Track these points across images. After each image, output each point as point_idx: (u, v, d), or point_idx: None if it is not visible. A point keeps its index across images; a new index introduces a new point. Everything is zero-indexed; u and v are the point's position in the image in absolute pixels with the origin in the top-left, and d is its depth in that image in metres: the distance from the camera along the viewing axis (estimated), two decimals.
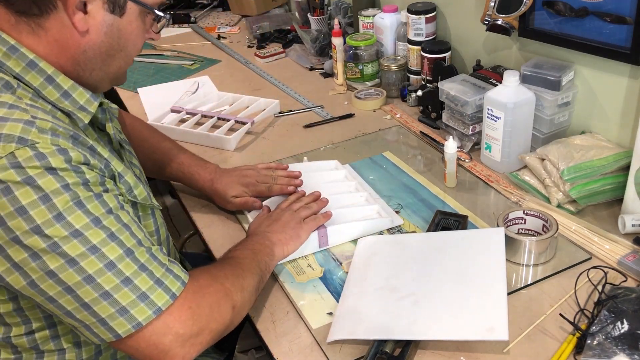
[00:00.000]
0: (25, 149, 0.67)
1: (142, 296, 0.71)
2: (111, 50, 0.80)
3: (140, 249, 0.73)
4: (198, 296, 0.77)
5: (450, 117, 1.36)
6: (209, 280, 0.81)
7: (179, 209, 1.33)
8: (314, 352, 0.87)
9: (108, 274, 0.70)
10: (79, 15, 0.75)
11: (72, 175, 0.69)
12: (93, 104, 0.81)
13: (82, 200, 0.69)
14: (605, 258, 0.99)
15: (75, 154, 0.70)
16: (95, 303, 0.70)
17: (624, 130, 1.17)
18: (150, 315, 0.72)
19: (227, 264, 0.89)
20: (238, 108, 1.65)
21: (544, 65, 1.23)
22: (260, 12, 2.45)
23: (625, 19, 1.07)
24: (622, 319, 0.82)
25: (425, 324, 0.85)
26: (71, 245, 0.68)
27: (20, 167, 0.66)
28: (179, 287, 0.75)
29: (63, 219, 0.68)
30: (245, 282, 0.86)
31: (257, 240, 0.98)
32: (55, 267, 0.68)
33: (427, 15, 1.54)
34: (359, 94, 1.64)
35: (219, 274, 0.84)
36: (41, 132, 0.69)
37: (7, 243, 0.67)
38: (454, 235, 1.02)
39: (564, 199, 1.10)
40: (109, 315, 0.70)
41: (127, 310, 0.71)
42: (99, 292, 0.69)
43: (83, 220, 0.69)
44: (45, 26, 0.75)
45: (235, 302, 0.82)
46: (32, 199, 0.66)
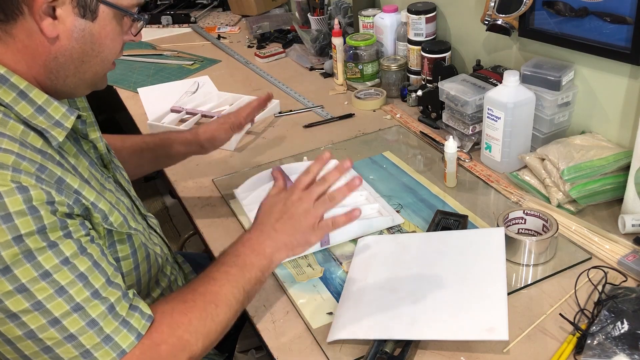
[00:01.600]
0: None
1: (86, 353, 0.68)
2: (84, 56, 0.76)
3: (92, 303, 0.69)
4: (147, 356, 0.72)
5: (450, 117, 1.36)
6: (165, 334, 0.75)
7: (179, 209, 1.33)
8: (314, 352, 0.87)
9: (51, 330, 0.66)
10: (48, 20, 0.70)
11: (28, 222, 0.64)
12: (69, 118, 0.76)
13: (32, 252, 0.65)
14: (605, 258, 0.99)
15: (36, 193, 0.66)
16: (35, 356, 0.67)
17: (624, 130, 1.17)
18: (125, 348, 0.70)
19: (200, 295, 0.80)
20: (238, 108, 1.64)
21: (544, 65, 1.23)
22: (260, 12, 2.45)
23: (625, 19, 1.07)
24: (622, 319, 0.82)
25: (426, 324, 0.85)
26: (14, 300, 0.64)
27: None
28: (131, 342, 0.71)
29: (9, 273, 0.64)
30: (213, 324, 0.79)
31: (255, 245, 0.87)
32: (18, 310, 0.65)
33: (427, 15, 1.54)
34: (359, 94, 1.64)
35: (182, 321, 0.76)
36: (1, 167, 0.64)
37: None
38: (454, 235, 1.02)
39: (564, 199, 1.10)
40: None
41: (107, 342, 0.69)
42: (39, 347, 0.66)
43: (30, 275, 0.65)
44: (12, 33, 0.71)
45: (194, 352, 0.77)
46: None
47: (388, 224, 1.12)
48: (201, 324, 0.78)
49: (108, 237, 0.79)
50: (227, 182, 1.31)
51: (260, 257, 0.86)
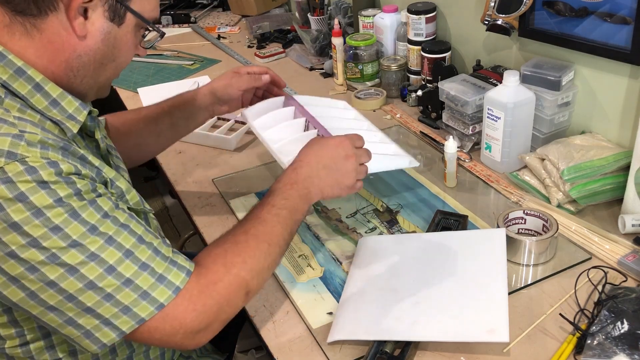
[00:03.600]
0: (15, 163, 0.66)
1: (144, 294, 0.72)
2: (104, 59, 0.79)
3: (140, 247, 0.73)
4: (206, 294, 0.76)
5: (450, 117, 1.36)
6: (221, 272, 0.79)
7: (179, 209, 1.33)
8: (314, 352, 0.87)
9: (109, 278, 0.70)
10: (80, 19, 0.74)
11: (64, 187, 0.68)
12: (82, 112, 0.79)
13: (76, 211, 0.69)
14: (605, 258, 0.99)
15: (65, 166, 0.69)
16: (97, 306, 0.70)
17: (624, 130, 1.17)
18: (153, 311, 0.72)
19: (253, 236, 0.83)
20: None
21: (544, 65, 1.23)
22: (260, 12, 2.45)
23: (625, 19, 1.07)
24: (622, 319, 0.82)
25: (426, 325, 0.85)
26: (70, 254, 0.68)
27: (12, 182, 0.65)
28: (183, 279, 0.75)
29: (60, 231, 0.67)
30: (266, 263, 0.83)
31: (302, 190, 0.90)
32: (55, 277, 0.68)
33: (427, 15, 1.54)
34: (359, 94, 1.64)
35: (235, 261, 0.80)
36: (30, 145, 0.68)
37: (1, 258, 0.67)
38: (455, 236, 1.02)
39: (564, 199, 1.10)
40: (112, 315, 0.71)
41: (130, 309, 0.71)
42: (100, 295, 0.70)
43: (80, 230, 0.69)
44: (40, 27, 0.73)
45: (250, 288, 0.81)
46: (25, 215, 0.66)
47: (405, 164, 1.10)
48: (255, 262, 0.82)
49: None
50: (227, 182, 1.31)
51: (305, 202, 0.90)
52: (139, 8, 0.79)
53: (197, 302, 0.75)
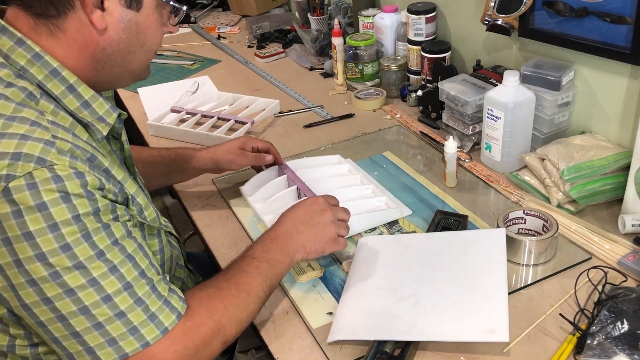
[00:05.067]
0: (43, 169, 0.66)
1: (133, 330, 0.72)
2: (130, 46, 0.80)
3: (140, 282, 0.73)
4: (188, 337, 0.76)
5: (450, 117, 1.36)
6: (204, 317, 0.79)
7: (179, 209, 1.33)
8: (314, 352, 0.87)
9: (103, 307, 0.70)
10: (97, 13, 0.75)
11: (85, 203, 0.69)
12: (112, 115, 0.81)
13: (89, 232, 0.69)
14: (605, 258, 0.99)
15: (91, 179, 0.70)
16: (85, 332, 0.70)
17: (624, 130, 1.17)
18: (138, 348, 0.72)
19: (234, 285, 0.84)
20: (238, 108, 1.65)
21: (544, 65, 1.23)
22: (260, 12, 2.45)
23: (625, 19, 1.07)
24: (622, 319, 0.82)
25: (426, 325, 0.85)
26: (72, 276, 0.68)
27: (36, 189, 0.66)
28: (172, 321, 0.75)
29: (69, 250, 0.68)
30: (245, 313, 0.83)
31: (282, 244, 0.92)
32: (52, 296, 0.68)
33: (427, 15, 1.54)
34: (359, 94, 1.64)
35: (218, 307, 0.80)
36: (60, 153, 0.68)
37: (7, 264, 0.67)
38: (455, 236, 1.02)
39: (564, 199, 1.10)
40: (97, 345, 0.71)
41: (116, 342, 0.71)
42: (91, 322, 0.70)
43: (88, 253, 0.69)
44: (63, 27, 0.75)
45: (227, 337, 0.81)
46: (41, 226, 0.66)
47: (397, 216, 1.12)
48: (236, 310, 0.82)
49: (140, 233, 0.83)
50: (227, 182, 1.31)
51: (285, 255, 0.91)
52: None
53: (179, 343, 0.75)
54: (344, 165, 1.29)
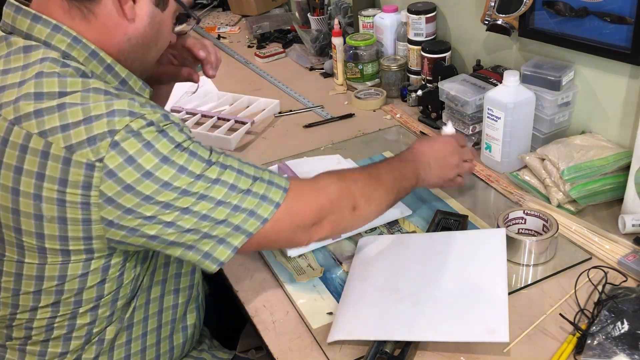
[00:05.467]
0: (138, 120, 0.72)
1: (250, 213, 0.79)
2: (150, 41, 0.85)
3: (242, 180, 0.80)
4: (315, 191, 0.87)
5: (450, 117, 1.36)
6: (334, 178, 0.90)
7: None
8: (314, 352, 0.87)
9: (232, 194, 0.78)
10: (129, 3, 0.79)
11: (180, 135, 0.76)
12: (145, 90, 0.87)
13: (192, 151, 0.76)
14: (605, 258, 0.99)
15: (174, 117, 0.78)
16: (212, 230, 0.77)
17: (624, 130, 1.17)
18: (259, 226, 0.80)
19: (367, 172, 0.95)
20: (238, 108, 1.65)
21: (544, 65, 1.23)
22: (260, 12, 2.45)
23: (625, 19, 1.07)
24: (622, 319, 0.82)
25: (426, 325, 0.85)
26: (199, 184, 0.75)
27: (139, 135, 0.72)
28: (281, 195, 0.82)
29: (185, 171, 0.74)
30: (374, 194, 0.93)
31: (415, 167, 1.04)
32: (188, 206, 0.75)
33: (427, 15, 1.54)
34: (359, 94, 1.64)
35: (348, 176, 0.92)
36: (143, 105, 0.75)
37: (137, 205, 0.72)
38: (455, 236, 1.02)
39: (564, 199, 1.10)
40: (225, 234, 0.78)
41: (239, 227, 0.79)
42: (229, 208, 0.78)
43: (199, 166, 0.76)
44: (95, 11, 0.78)
45: (356, 204, 0.90)
46: (155, 162, 0.72)
47: (397, 216, 1.12)
48: (365, 185, 0.92)
49: None
50: None
51: (414, 179, 1.03)
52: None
53: (307, 200, 0.85)
54: (344, 165, 1.29)
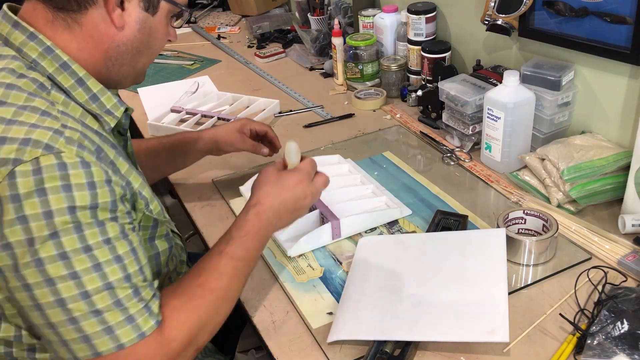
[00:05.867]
0: (50, 156, 0.67)
1: (108, 330, 0.70)
2: (141, 46, 0.84)
3: (123, 285, 0.72)
4: (162, 348, 0.75)
5: (450, 117, 1.36)
6: (178, 329, 0.77)
7: (179, 209, 1.33)
8: (314, 352, 0.87)
9: (80, 302, 0.69)
10: (117, 11, 0.79)
11: (85, 196, 0.69)
12: (119, 109, 0.84)
13: (81, 225, 0.69)
14: (605, 258, 0.99)
15: (96, 170, 0.71)
16: (60, 325, 0.69)
17: (624, 130, 1.17)
18: (111, 349, 0.71)
19: (208, 291, 0.82)
20: (238, 108, 1.65)
21: (544, 65, 1.23)
22: (260, 12, 2.45)
23: (625, 19, 1.07)
24: (622, 319, 0.82)
25: (426, 325, 0.85)
26: (55, 265, 0.68)
27: (40, 175, 0.67)
28: (151, 326, 0.73)
29: (56, 238, 0.67)
30: (220, 318, 0.83)
31: (262, 236, 0.89)
32: (32, 283, 0.68)
33: (427, 15, 1.54)
34: (359, 94, 1.64)
35: (193, 319, 0.79)
36: (68, 142, 0.70)
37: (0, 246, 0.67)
38: (455, 236, 1.02)
39: (564, 199, 1.10)
40: (71, 339, 0.70)
41: (89, 339, 0.70)
42: (66, 316, 0.69)
43: (74, 245, 0.68)
44: (81, 22, 0.78)
45: (199, 346, 0.80)
46: (36, 212, 0.66)
47: (397, 216, 1.12)
48: (210, 320, 0.81)
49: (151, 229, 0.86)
50: (227, 182, 1.31)
51: (262, 243, 0.90)
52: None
53: (153, 353, 0.74)
54: (344, 165, 1.29)
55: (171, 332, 0.76)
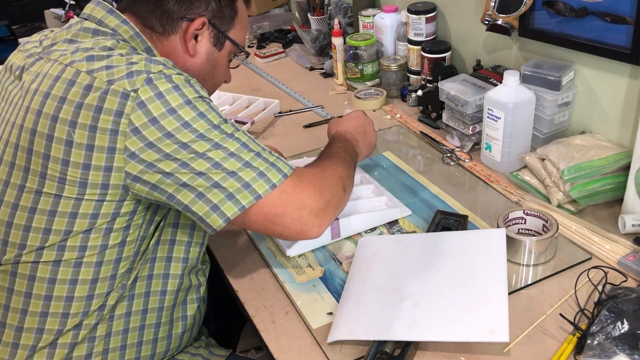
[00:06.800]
0: (170, 69, 0.82)
1: (260, 174, 0.83)
2: (206, 75, 0.98)
3: (252, 144, 0.85)
4: (319, 177, 0.91)
5: (450, 117, 1.36)
6: (325, 166, 0.96)
7: None
8: (314, 352, 0.87)
9: (244, 150, 0.83)
10: (192, 42, 0.94)
11: (201, 90, 0.84)
12: None
13: (212, 107, 0.83)
14: (605, 258, 0.99)
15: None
16: (223, 181, 0.81)
17: (624, 130, 1.17)
18: (252, 200, 0.82)
19: (333, 156, 1.02)
20: (238, 108, 1.65)
21: (544, 65, 1.23)
22: (260, 12, 2.45)
23: (625, 19, 1.07)
24: (622, 319, 0.82)
25: (426, 325, 0.85)
26: (214, 133, 0.81)
27: (170, 78, 0.80)
28: (289, 169, 0.86)
29: (204, 117, 0.81)
30: (350, 171, 1.00)
31: (350, 144, 1.09)
32: (204, 150, 0.80)
33: (427, 15, 1.54)
34: (359, 94, 1.64)
35: (330, 163, 0.98)
36: (167, 68, 0.83)
37: (158, 139, 0.78)
38: (455, 236, 1.02)
39: (564, 199, 1.10)
40: (235, 190, 0.81)
41: (249, 185, 0.82)
42: (240, 162, 0.82)
43: (216, 119, 0.83)
44: (163, 42, 0.93)
45: (345, 185, 0.95)
46: (180, 102, 0.79)
47: (396, 216, 1.13)
48: (342, 168, 0.98)
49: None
50: None
51: (356, 155, 1.10)
52: (234, 37, 0.99)
53: (315, 185, 0.88)
54: None
55: (317, 168, 0.95)
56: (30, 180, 0.81)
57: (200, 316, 1.00)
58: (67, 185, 0.79)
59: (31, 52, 0.90)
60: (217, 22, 0.95)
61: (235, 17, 0.98)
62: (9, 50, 0.98)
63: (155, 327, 0.92)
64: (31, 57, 0.88)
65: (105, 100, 0.77)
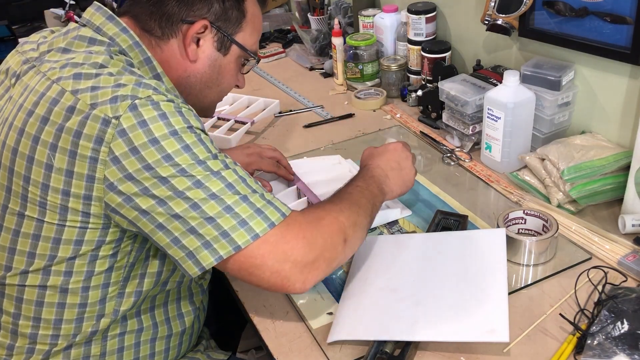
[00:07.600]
0: (160, 95, 0.77)
1: (242, 222, 0.76)
2: (210, 82, 0.93)
3: (241, 185, 0.78)
4: (312, 226, 0.81)
5: (450, 117, 1.36)
6: (323, 212, 0.85)
7: None
8: (314, 352, 0.87)
9: (228, 192, 0.76)
10: (193, 46, 0.89)
11: (193, 119, 0.79)
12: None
13: (202, 139, 0.78)
14: (605, 258, 0.99)
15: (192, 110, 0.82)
16: (200, 227, 0.75)
17: (624, 130, 1.17)
18: (249, 240, 0.76)
19: (346, 199, 0.91)
20: (238, 108, 1.65)
21: (544, 65, 1.23)
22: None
23: (625, 19, 1.07)
24: (622, 319, 0.82)
25: (426, 325, 0.85)
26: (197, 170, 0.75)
27: (158, 105, 0.76)
28: (278, 217, 0.79)
29: (189, 150, 0.75)
30: (359, 220, 0.88)
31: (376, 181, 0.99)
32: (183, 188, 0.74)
33: (427, 15, 1.54)
34: (359, 94, 1.64)
35: (334, 208, 0.87)
36: (168, 91, 0.80)
37: (137, 171, 0.73)
38: (455, 236, 1.02)
39: (564, 199, 1.10)
40: (212, 238, 0.75)
41: (228, 234, 0.75)
42: (221, 206, 0.75)
43: (203, 153, 0.77)
44: (162, 47, 0.88)
45: (347, 236, 0.85)
46: (164, 132, 0.74)
47: (396, 216, 1.13)
48: (350, 213, 0.87)
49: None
50: None
51: (381, 195, 0.98)
52: (242, 41, 0.93)
53: (305, 236, 0.79)
54: (344, 165, 1.29)
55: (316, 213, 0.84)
56: (12, 202, 0.78)
57: (199, 325, 1.00)
58: (48, 210, 0.76)
59: (28, 56, 0.87)
60: (221, 25, 0.89)
61: (243, 19, 0.92)
62: (9, 50, 0.96)
63: (151, 342, 0.91)
64: (27, 63, 0.85)
65: (86, 125, 0.73)
